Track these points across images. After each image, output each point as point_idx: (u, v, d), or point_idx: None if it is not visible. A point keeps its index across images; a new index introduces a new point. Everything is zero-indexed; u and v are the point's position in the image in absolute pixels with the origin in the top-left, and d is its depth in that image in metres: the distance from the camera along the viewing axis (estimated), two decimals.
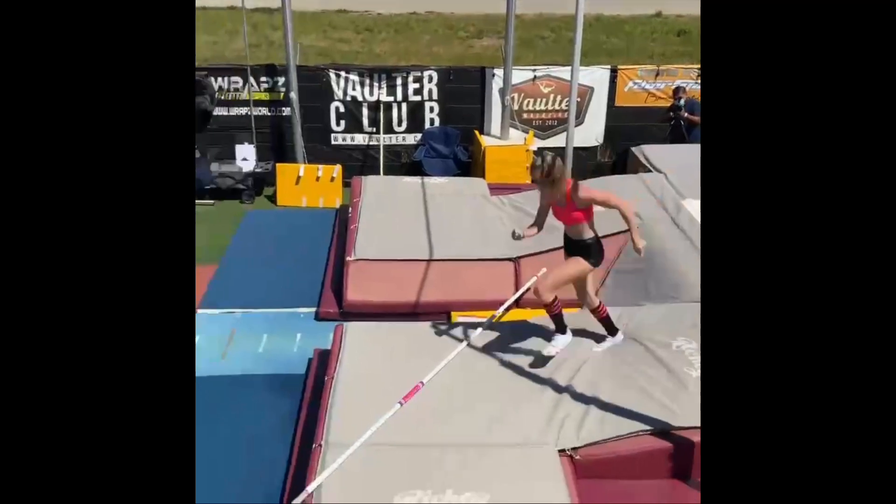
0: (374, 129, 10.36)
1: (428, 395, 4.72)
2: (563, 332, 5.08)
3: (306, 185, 9.84)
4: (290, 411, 5.25)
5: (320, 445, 4.32)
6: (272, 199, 10.02)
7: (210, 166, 9.81)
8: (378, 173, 10.16)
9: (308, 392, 5.32)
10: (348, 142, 10.46)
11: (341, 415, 4.57)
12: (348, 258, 6.97)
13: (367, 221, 7.57)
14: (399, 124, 10.44)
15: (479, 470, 4.13)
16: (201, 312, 6.80)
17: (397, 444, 4.29)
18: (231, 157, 10.04)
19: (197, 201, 9.76)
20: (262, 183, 10.19)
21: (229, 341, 6.34)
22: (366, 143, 10.46)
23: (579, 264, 4.91)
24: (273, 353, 6.09)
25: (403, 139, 10.51)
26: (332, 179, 9.85)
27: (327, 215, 9.07)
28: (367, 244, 7.09)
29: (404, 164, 10.49)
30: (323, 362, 5.49)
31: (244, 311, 6.80)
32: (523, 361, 5.15)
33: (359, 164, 10.39)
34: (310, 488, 3.90)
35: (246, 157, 10.04)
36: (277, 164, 9.96)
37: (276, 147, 10.33)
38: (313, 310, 6.78)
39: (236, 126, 10.17)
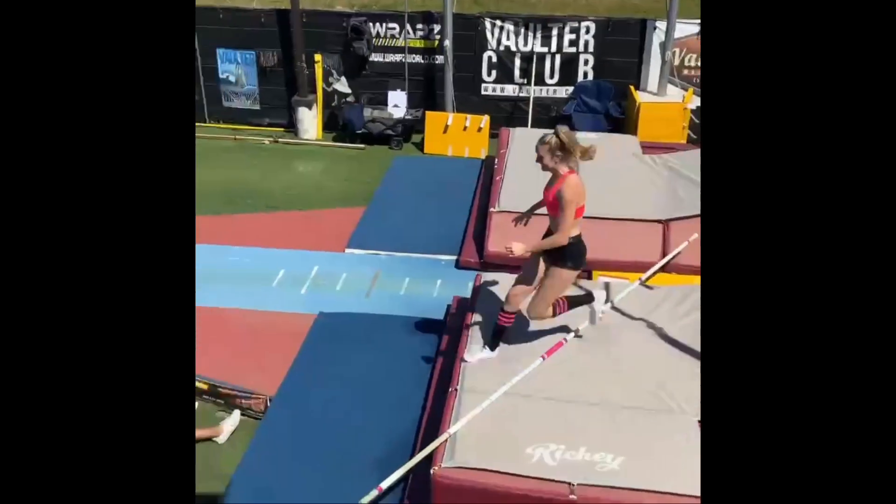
0: (525, 81, 10.19)
1: (569, 352, 4.68)
2: (494, 348, 4.66)
3: (454, 133, 9.88)
4: (427, 354, 5.37)
5: (456, 390, 4.39)
6: (419, 146, 10.15)
7: (363, 111, 10.04)
8: (526, 126, 10.02)
9: (445, 337, 5.41)
10: (498, 92, 10.36)
11: (478, 363, 4.62)
12: (491, 209, 6.96)
13: (512, 173, 7.50)
14: (551, 76, 10.20)
15: (614, 431, 4.06)
16: (349, 252, 7.07)
17: (533, 396, 4.29)
18: (383, 103, 10.23)
19: (348, 145, 10.06)
20: (410, 130, 10.32)
21: (373, 282, 6.55)
22: (515, 94, 10.31)
23: (561, 276, 4.39)
24: (413, 297, 6.23)
25: (554, 92, 10.27)
26: (480, 130, 9.83)
27: (472, 165, 9.09)
28: (511, 196, 7.04)
29: (553, 117, 10.26)
30: (461, 309, 5.55)
31: (388, 254, 6.98)
32: (667, 326, 4.97)
33: (507, 115, 10.29)
34: (451, 430, 3.98)
35: (397, 103, 10.19)
36: (427, 112, 10.04)
37: (426, 95, 10.40)
38: (454, 258, 6.86)
39: (390, 72, 10.31)
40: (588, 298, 4.71)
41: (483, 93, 10.35)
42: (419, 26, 10.13)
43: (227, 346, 5.63)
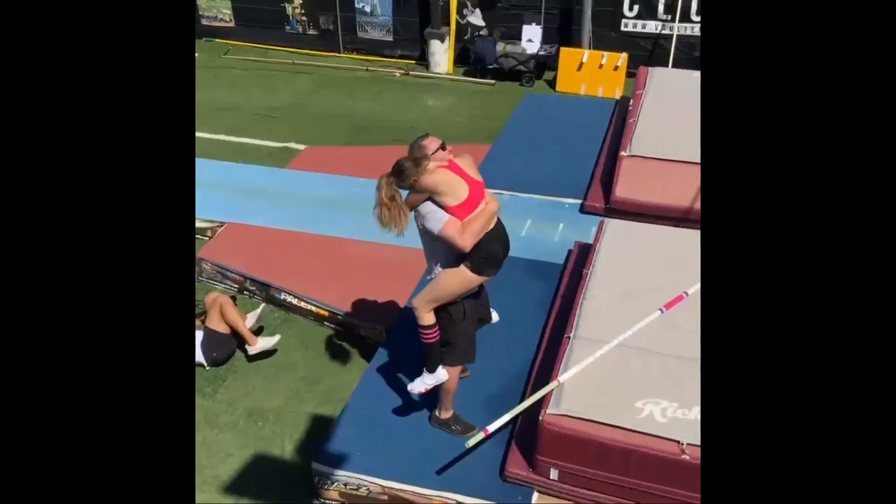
0: (669, 17, 9.60)
1: (690, 307, 4.46)
2: (432, 370, 4.01)
3: (588, 71, 9.51)
4: (545, 297, 5.30)
5: (569, 338, 4.32)
6: (552, 83, 9.86)
7: (496, 46, 9.82)
8: (666, 66, 9.48)
9: (564, 282, 5.32)
10: (639, 29, 9.83)
11: (594, 311, 4.50)
12: (622, 153, 6.68)
13: (647, 116, 7.14)
14: (698, 13, 9.54)
15: None
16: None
17: (649, 350, 4.15)
18: (517, 37, 9.96)
19: (478, 80, 9.92)
20: (543, 66, 10.03)
21: None
22: (658, 31, 9.75)
23: (457, 275, 3.82)
24: (535, 240, 6.13)
25: (701, 29, 9.63)
26: (616, 68, 9.41)
27: (606, 105, 8.74)
28: (644, 140, 6.72)
29: (696, 57, 9.66)
30: (582, 256, 5.42)
31: (511, 193, 6.87)
32: None
33: (646, 54, 9.77)
34: (561, 378, 3.93)
35: (531, 38, 9.90)
36: (561, 48, 9.70)
37: (562, 30, 10.03)
38: (579, 202, 6.67)
39: (526, 5, 9.99)
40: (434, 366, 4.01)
41: (623, 29, 9.85)
42: None
43: (348, 276, 5.79)
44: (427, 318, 3.92)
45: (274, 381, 5.04)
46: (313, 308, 5.58)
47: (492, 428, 3.86)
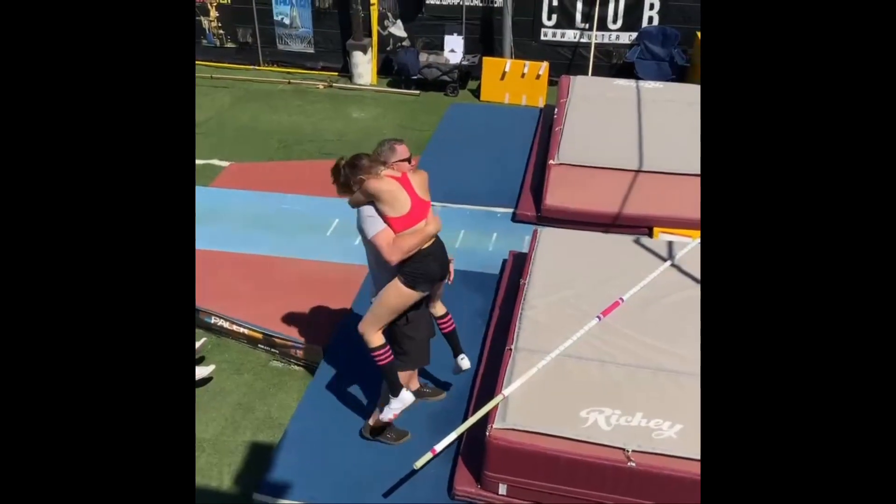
0: (587, 26, 9.81)
1: (626, 312, 4.53)
2: (396, 394, 3.96)
3: (511, 80, 9.60)
4: (483, 309, 5.29)
5: (511, 350, 4.31)
6: (476, 93, 9.91)
7: (419, 56, 9.81)
8: (587, 73, 9.68)
9: (502, 293, 5.31)
10: (558, 38, 10.00)
11: (533, 322, 4.51)
12: (550, 161, 6.75)
13: (573, 124, 7.25)
14: (614, 21, 9.78)
15: (673, 398, 3.93)
16: None
17: (588, 358, 4.18)
18: (439, 47, 9.98)
19: (402, 91, 9.88)
20: (467, 76, 10.08)
21: None
22: (576, 39, 9.94)
23: (391, 289, 3.79)
24: (469, 250, 6.11)
25: (617, 38, 9.86)
26: (538, 77, 9.53)
27: (531, 114, 8.83)
28: (571, 148, 6.82)
29: (615, 64, 9.90)
30: (518, 265, 5.44)
31: (443, 205, 6.84)
32: None
33: (566, 62, 9.95)
34: (506, 392, 3.91)
35: (454, 48, 9.93)
36: (484, 58, 9.77)
37: (484, 39, 10.11)
38: (511, 210, 6.70)
39: (447, 16, 10.02)
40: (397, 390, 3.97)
41: (542, 38, 10.00)
42: None
43: (280, 296, 5.64)
44: (375, 339, 3.84)
45: (208, 410, 4.84)
46: (245, 331, 5.41)
47: (439, 447, 3.81)
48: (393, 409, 3.98)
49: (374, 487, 3.97)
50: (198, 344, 5.20)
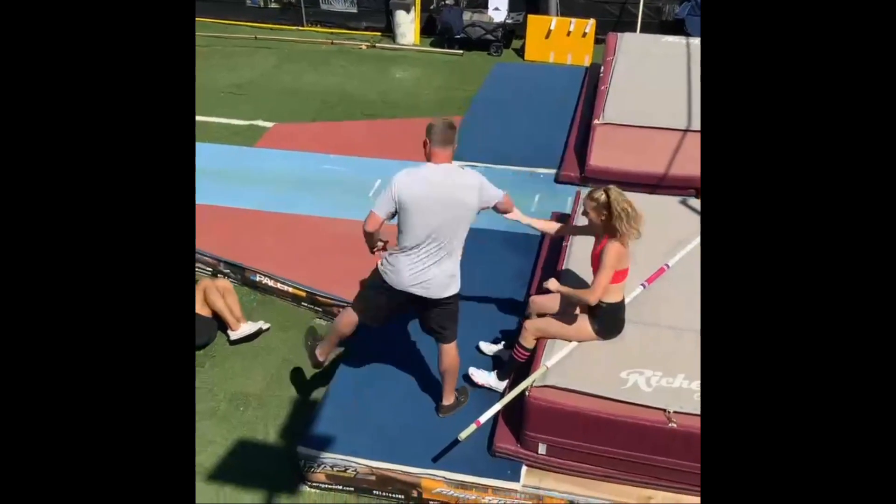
0: None
1: (672, 278, 4.47)
2: (501, 380, 4.27)
3: (556, 39, 9.42)
4: (524, 270, 5.27)
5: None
6: (520, 52, 9.76)
7: (462, 15, 9.68)
8: (634, 30, 9.43)
9: (543, 255, 5.29)
10: None
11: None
12: (595, 121, 6.64)
13: (619, 82, 7.10)
14: None
15: None
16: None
17: (632, 321, 4.13)
18: (483, 6, 9.82)
19: (446, 50, 9.78)
20: (511, 35, 9.91)
21: None
22: None
23: (581, 327, 3.95)
24: None
25: None
26: (584, 35, 9.33)
27: (576, 73, 8.67)
28: (617, 107, 6.68)
29: (664, 21, 9.62)
30: None
31: (485, 165, 6.79)
32: None
33: (614, 19, 9.70)
34: (549, 363, 3.90)
35: (498, 6, 9.76)
36: (529, 16, 9.59)
37: None
38: (554, 171, 6.63)
39: None
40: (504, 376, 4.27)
41: None
42: None
43: (323, 255, 5.70)
44: (528, 341, 4.06)
45: (254, 366, 4.96)
46: (290, 289, 5.49)
47: (483, 419, 3.82)
48: (487, 381, 4.30)
49: (414, 443, 4.03)
50: (259, 324, 5.28)
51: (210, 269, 5.81)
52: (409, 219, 3.65)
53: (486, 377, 4.34)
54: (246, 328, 5.11)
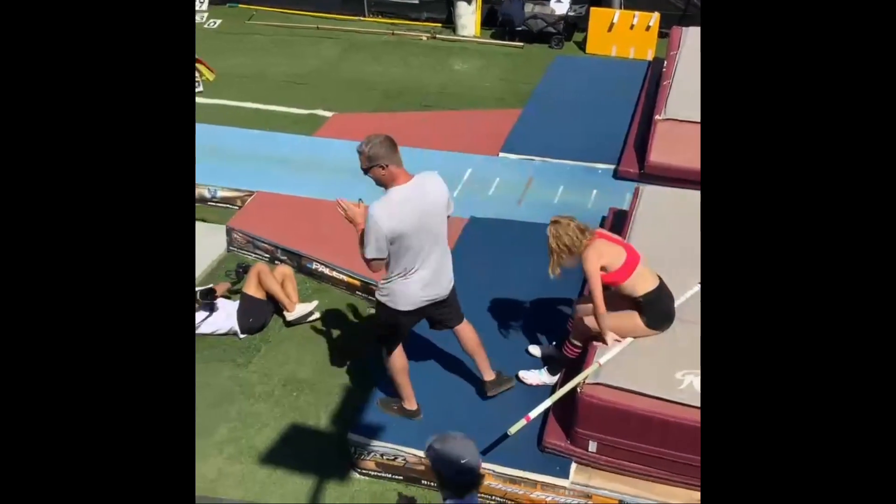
0: None
1: None
2: (553, 374, 4.29)
3: (619, 32, 9.27)
4: (578, 268, 5.21)
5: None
6: (581, 45, 9.64)
7: (524, 7, 9.60)
8: (698, 25, 9.21)
9: None
10: None
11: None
12: (657, 117, 6.52)
13: (682, 78, 6.95)
14: None
15: None
16: (502, 156, 6.92)
17: (686, 320, 4.06)
18: None
19: (506, 42, 9.72)
20: (573, 28, 9.79)
21: (526, 188, 6.40)
22: None
23: (632, 320, 3.98)
24: (567, 206, 5.98)
25: None
26: (648, 28, 9.16)
27: (638, 67, 8.53)
28: (679, 103, 6.55)
29: None
30: (618, 223, 5.32)
31: (543, 159, 6.76)
32: None
33: (679, 13, 9.49)
34: (602, 360, 3.87)
35: None
36: (591, 8, 9.46)
37: None
38: (612, 167, 6.54)
39: None
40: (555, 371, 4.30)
41: None
42: None
43: None
44: (579, 339, 4.11)
45: (308, 352, 5.04)
46: (345, 277, 5.56)
47: (533, 414, 3.81)
48: (541, 379, 4.31)
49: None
50: (312, 304, 5.36)
51: (268, 255, 5.92)
52: (404, 243, 3.63)
53: (537, 376, 4.34)
54: (301, 308, 5.21)
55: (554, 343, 4.55)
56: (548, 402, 3.88)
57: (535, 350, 4.58)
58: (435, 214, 3.72)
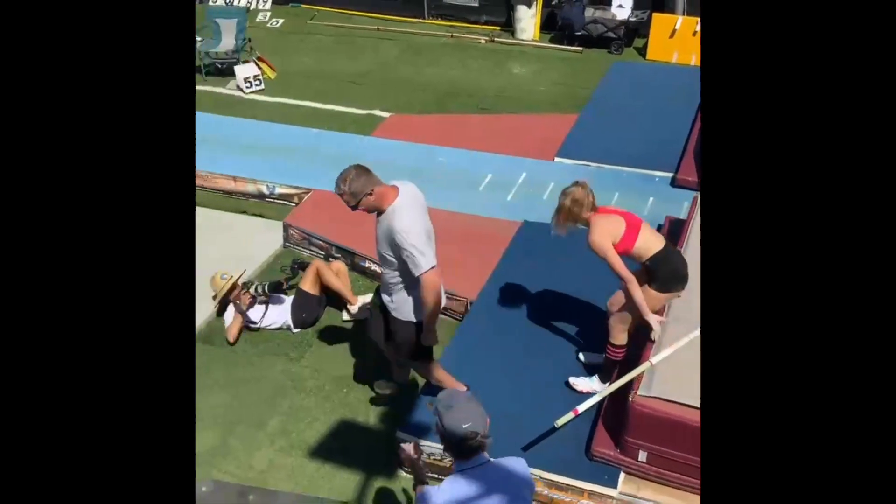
0: None
1: None
2: (603, 381, 4.21)
3: (681, 39, 9.13)
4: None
5: (662, 319, 4.19)
6: (642, 51, 9.52)
7: (584, 11, 9.54)
8: None
9: None
10: None
11: (689, 290, 4.34)
12: None
13: None
14: None
15: None
16: (558, 161, 6.89)
17: None
18: (607, 2, 9.64)
19: (565, 47, 9.67)
20: (634, 33, 9.69)
21: None
22: None
23: (647, 293, 3.93)
24: None
25: None
26: None
27: (699, 75, 8.37)
28: None
29: None
30: (674, 231, 5.24)
31: (599, 165, 6.71)
32: None
33: None
34: (653, 360, 3.83)
35: (622, 3, 9.56)
36: (653, 14, 9.34)
37: None
38: (670, 175, 6.45)
39: None
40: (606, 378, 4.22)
41: None
42: None
43: None
44: (620, 338, 4.11)
45: (358, 349, 5.09)
46: None
47: (581, 408, 3.80)
48: (591, 386, 4.27)
49: (512, 438, 4.02)
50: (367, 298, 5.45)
51: (322, 252, 6.01)
52: (429, 241, 3.75)
53: (587, 382, 4.32)
54: (363, 300, 5.35)
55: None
56: (596, 398, 3.87)
57: (584, 357, 4.55)
58: (428, 215, 3.85)
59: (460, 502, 2.51)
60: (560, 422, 3.77)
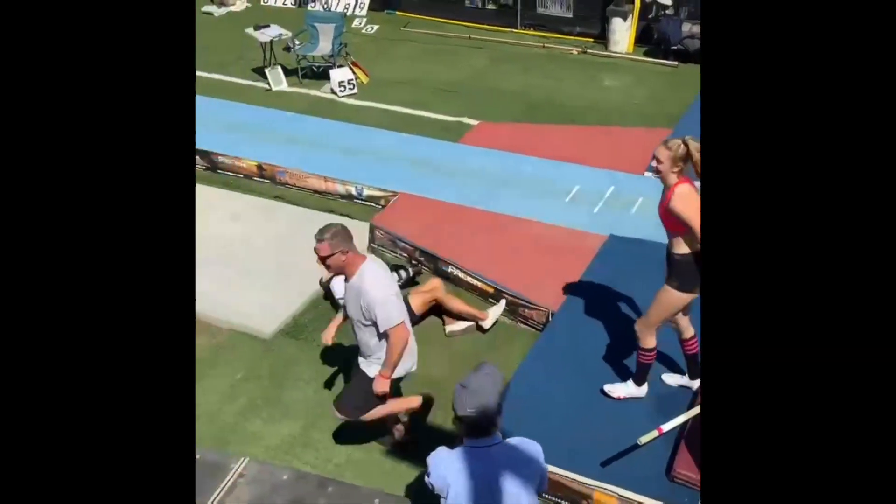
0: None
1: None
2: (639, 385, 4.29)
3: None
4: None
5: None
6: None
7: (682, 26, 9.36)
8: None
9: None
10: None
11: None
12: None
13: None
14: None
15: None
16: (648, 175, 6.75)
17: None
18: None
19: (660, 61, 9.52)
20: None
21: None
22: None
23: (665, 295, 3.91)
24: None
25: None
26: None
27: None
28: None
29: None
30: None
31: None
32: None
33: None
34: None
35: None
36: None
37: None
38: None
39: None
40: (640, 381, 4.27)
41: None
42: None
43: (515, 255, 5.77)
44: (649, 341, 4.10)
45: (440, 352, 5.12)
46: (478, 283, 5.62)
47: (666, 427, 3.71)
48: (629, 391, 4.31)
49: (591, 454, 3.97)
50: (500, 307, 5.43)
51: (406, 255, 6.08)
52: (398, 299, 3.92)
53: (623, 388, 4.32)
54: (493, 313, 5.31)
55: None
56: (682, 418, 3.77)
57: (668, 379, 4.45)
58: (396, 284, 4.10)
59: (458, 479, 2.62)
60: (644, 439, 3.69)
